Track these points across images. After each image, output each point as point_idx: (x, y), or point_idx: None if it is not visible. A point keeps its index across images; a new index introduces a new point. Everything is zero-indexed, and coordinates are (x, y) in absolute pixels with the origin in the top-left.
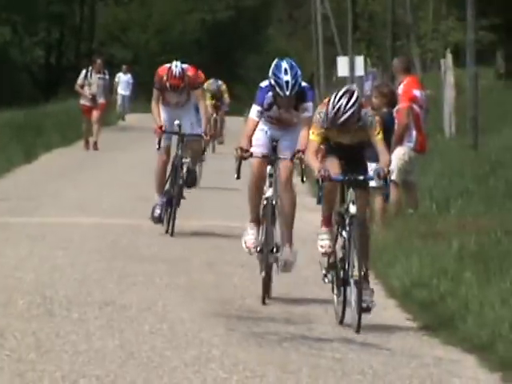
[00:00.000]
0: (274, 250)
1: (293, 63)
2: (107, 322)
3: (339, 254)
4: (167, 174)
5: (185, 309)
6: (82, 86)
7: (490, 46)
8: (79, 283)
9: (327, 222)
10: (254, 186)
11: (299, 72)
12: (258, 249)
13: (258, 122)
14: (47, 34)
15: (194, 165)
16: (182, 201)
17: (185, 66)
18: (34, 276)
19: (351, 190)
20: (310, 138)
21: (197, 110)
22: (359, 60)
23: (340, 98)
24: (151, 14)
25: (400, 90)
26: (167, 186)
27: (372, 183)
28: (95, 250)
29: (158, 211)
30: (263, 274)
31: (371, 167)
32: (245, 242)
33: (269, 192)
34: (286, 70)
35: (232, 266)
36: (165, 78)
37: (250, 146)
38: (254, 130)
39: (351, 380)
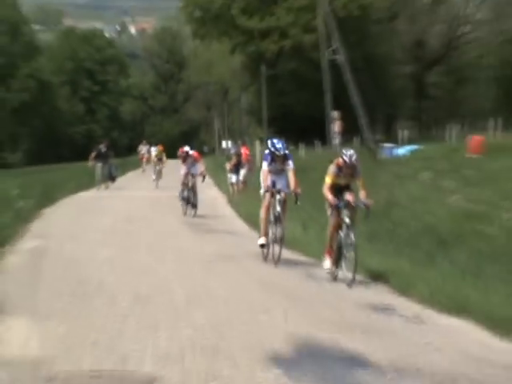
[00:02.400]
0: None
1: (279, 140)
2: None
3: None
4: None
5: None
6: None
7: None
8: None
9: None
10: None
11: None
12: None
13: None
14: None
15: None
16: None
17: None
18: None
19: (345, 210)
20: (326, 180)
21: None
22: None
23: (350, 157)
24: None
25: None
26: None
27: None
28: None
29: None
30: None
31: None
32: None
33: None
34: (278, 141)
35: None
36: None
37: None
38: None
39: None
